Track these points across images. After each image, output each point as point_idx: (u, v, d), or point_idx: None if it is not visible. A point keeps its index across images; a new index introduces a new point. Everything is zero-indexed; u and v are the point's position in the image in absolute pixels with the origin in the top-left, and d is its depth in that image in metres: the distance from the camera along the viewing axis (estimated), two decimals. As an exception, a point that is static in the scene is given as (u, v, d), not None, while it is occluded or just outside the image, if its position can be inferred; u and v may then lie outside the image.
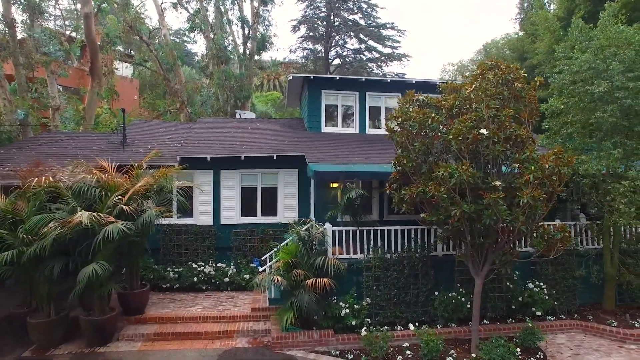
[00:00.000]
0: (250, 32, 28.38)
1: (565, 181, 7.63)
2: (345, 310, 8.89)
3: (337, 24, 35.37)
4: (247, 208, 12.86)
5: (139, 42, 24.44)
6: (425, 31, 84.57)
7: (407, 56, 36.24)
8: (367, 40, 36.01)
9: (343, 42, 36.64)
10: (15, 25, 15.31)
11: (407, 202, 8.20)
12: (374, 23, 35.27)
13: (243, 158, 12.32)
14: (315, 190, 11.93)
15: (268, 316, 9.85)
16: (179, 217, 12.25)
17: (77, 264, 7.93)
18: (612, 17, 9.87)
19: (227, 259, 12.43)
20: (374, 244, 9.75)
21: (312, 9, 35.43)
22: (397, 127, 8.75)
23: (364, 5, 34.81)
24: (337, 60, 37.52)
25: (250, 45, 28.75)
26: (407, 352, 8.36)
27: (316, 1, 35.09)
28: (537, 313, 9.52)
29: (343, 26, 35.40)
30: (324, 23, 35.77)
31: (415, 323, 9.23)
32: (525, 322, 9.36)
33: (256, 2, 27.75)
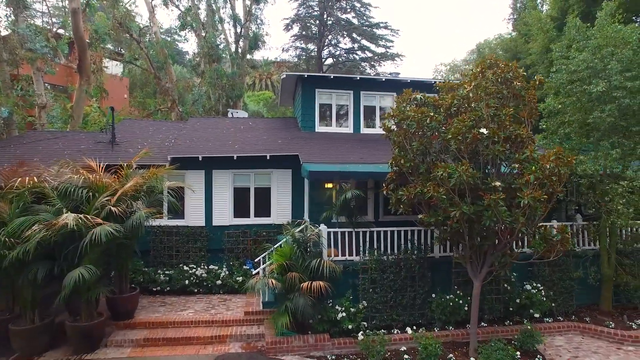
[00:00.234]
0: (243, 30, 28.06)
1: (564, 182, 7.51)
2: (342, 313, 8.69)
3: (330, 23, 35.16)
4: (240, 209, 12.59)
5: (129, 40, 24.02)
6: (419, 31, 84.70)
7: (401, 56, 36.08)
8: (360, 40, 35.83)
9: (336, 41, 36.44)
10: (-3, 20, 14.87)
11: (404, 203, 8.02)
12: (367, 22, 35.11)
13: (236, 158, 12.06)
14: (309, 191, 11.71)
15: (262, 320, 9.61)
16: (170, 218, 11.94)
17: (62, 268, 7.62)
18: (609, 16, 9.80)
19: (220, 261, 12.16)
20: (370, 245, 9.57)
21: (305, 8, 35.17)
22: (393, 126, 8.58)
23: (357, 5, 34.63)
24: (330, 59, 37.32)
25: (242, 43, 28.42)
26: (405, 356, 8.19)
27: (309, 0, 34.86)
28: (535, 315, 9.42)
29: (336, 25, 35.20)
30: (317, 22, 35.54)
31: (413, 327, 9.07)
32: (523, 324, 9.26)
33: (248, 0, 27.44)
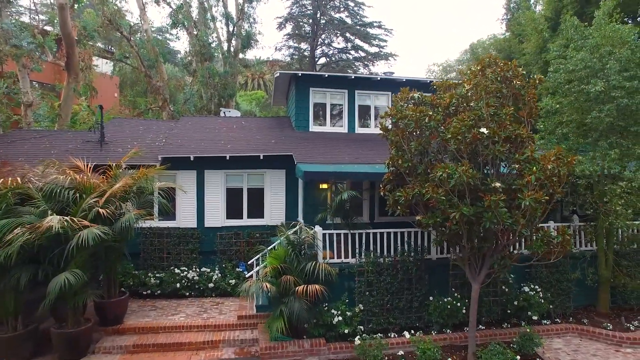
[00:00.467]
0: (235, 29, 27.74)
1: (564, 183, 7.38)
2: (338, 317, 8.47)
3: (323, 22, 34.95)
4: (233, 210, 12.33)
5: (119, 37, 23.57)
6: (413, 31, 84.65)
7: (394, 55, 35.94)
8: (354, 40, 35.70)
9: (329, 40, 36.25)
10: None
11: (401, 204, 7.84)
12: (360, 22, 34.97)
13: (228, 158, 11.80)
14: (303, 192, 11.49)
15: (255, 324, 9.37)
16: (161, 220, 11.64)
17: (47, 273, 7.30)
18: (606, 15, 9.72)
19: (212, 264, 11.88)
20: (366, 247, 9.37)
21: (298, 7, 34.93)
22: (389, 125, 8.41)
23: (351, 4, 34.47)
24: (323, 59, 37.13)
25: (234, 42, 28.10)
26: (403, 360, 8.01)
27: (302, -1, 34.64)
28: (534, 317, 9.31)
29: (329, 24, 35.01)
30: (310, 21, 35.31)
31: (410, 330, 8.90)
32: (521, 327, 9.16)
33: (241, -2, 27.14)
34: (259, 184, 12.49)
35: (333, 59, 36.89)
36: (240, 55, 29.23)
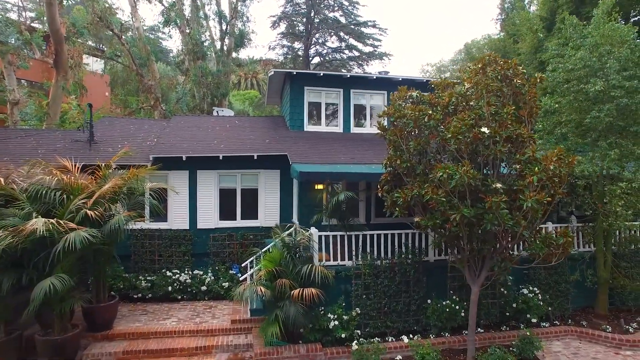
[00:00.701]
0: (228, 27, 27.40)
1: (565, 183, 7.24)
2: (334, 322, 8.26)
3: (317, 21, 34.71)
4: (226, 211, 12.07)
5: (110, 35, 23.14)
6: (407, 30, 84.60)
7: (388, 55, 35.83)
8: (348, 39, 35.50)
9: (323, 40, 36.02)
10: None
11: (400, 205, 7.65)
12: (354, 21, 34.79)
13: (221, 158, 11.54)
14: (298, 192, 11.28)
15: (250, 329, 9.13)
16: (152, 221, 11.35)
17: (32, 278, 6.99)
18: (605, 14, 9.62)
19: (205, 266, 11.61)
20: (362, 249, 9.18)
21: (292, 6, 34.65)
22: (385, 123, 8.22)
23: (345, 3, 34.27)
24: (317, 58, 36.88)
25: (227, 41, 27.76)
26: (401, 366, 7.83)
27: (296, -3, 34.36)
28: (533, 320, 9.18)
29: (323, 24, 34.78)
30: (304, 20, 35.06)
31: (407, 334, 8.71)
32: (520, 329, 9.04)
33: (234, -4, 26.82)
34: (252, 184, 12.26)
35: (327, 58, 36.66)
36: (234, 54, 28.91)
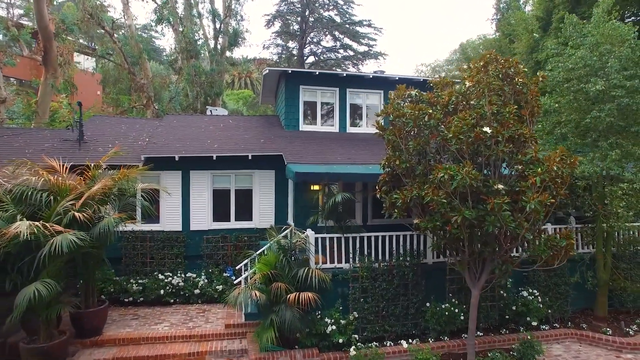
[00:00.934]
0: (222, 26, 27.08)
1: (567, 184, 7.09)
2: (331, 326, 8.05)
3: (312, 20, 34.49)
4: (220, 212, 11.81)
5: (101, 33, 22.74)
6: (401, 30, 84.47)
7: (384, 55, 35.74)
8: (343, 38, 35.33)
9: (318, 39, 35.81)
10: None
11: (399, 207, 7.46)
12: (349, 20, 34.61)
13: (215, 158, 11.27)
14: (294, 193, 11.05)
15: (244, 333, 8.88)
16: (144, 223, 11.06)
17: (16, 283, 6.70)
18: (605, 13, 9.51)
19: (198, 268, 11.35)
20: (360, 252, 8.98)
21: (287, 4, 34.39)
22: (382, 121, 8.02)
23: (340, 2, 34.08)
24: (312, 58, 36.66)
25: (221, 40, 27.44)
26: (400, 371, 7.63)
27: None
28: (533, 323, 9.03)
29: (318, 23, 34.57)
30: (299, 19, 34.82)
31: (406, 338, 8.53)
32: (520, 333, 8.91)
33: (228, -6, 26.51)
34: (247, 185, 12.01)
35: (321, 57, 36.47)
36: (228, 53, 28.59)
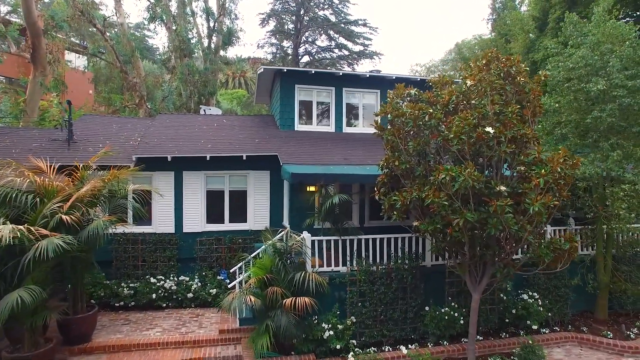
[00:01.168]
0: (216, 25, 26.75)
1: (570, 185, 6.93)
2: (329, 331, 7.83)
3: (306, 19, 34.24)
4: (214, 214, 11.55)
5: (93, 31, 22.32)
6: (396, 29, 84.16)
7: (379, 54, 35.54)
8: (337, 38, 35.11)
9: (313, 38, 35.55)
10: None
11: (398, 209, 7.26)
12: (344, 19, 34.40)
13: (209, 158, 11.02)
14: (289, 195, 10.82)
15: (239, 339, 8.65)
16: (136, 225, 10.77)
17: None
18: (606, 12, 9.38)
19: (191, 271, 11.08)
20: (357, 254, 8.77)
21: (281, 3, 34.10)
22: (378, 120, 7.83)
23: (335, 1, 33.84)
24: (306, 57, 36.39)
25: (215, 39, 27.11)
26: (399, 378, 7.43)
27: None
28: (533, 327, 8.87)
29: (313, 22, 34.32)
30: (293, 18, 34.55)
31: (407, 344, 8.32)
32: (520, 336, 8.79)
33: (222, -7, 26.18)
34: (241, 186, 11.77)
35: (316, 57, 36.22)
36: (222, 53, 28.26)
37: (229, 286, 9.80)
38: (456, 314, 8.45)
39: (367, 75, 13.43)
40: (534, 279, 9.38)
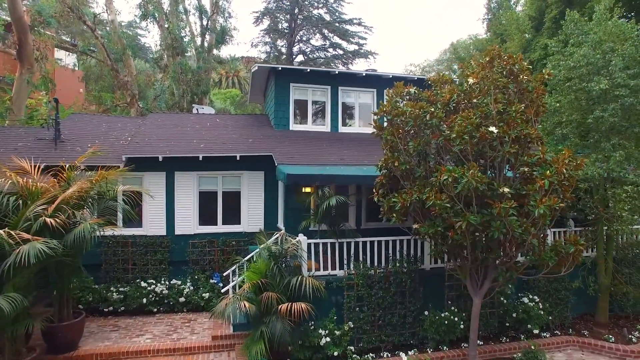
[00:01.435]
0: (209, 23, 26.37)
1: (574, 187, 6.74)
2: (326, 338, 7.57)
3: (301, 18, 33.94)
4: (206, 216, 11.24)
5: (82, 28, 21.85)
6: (390, 28, 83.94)
7: (374, 54, 35.37)
8: (332, 37, 34.87)
9: (307, 37, 35.26)
10: None
11: (397, 211, 7.02)
12: (339, 18, 34.16)
13: (201, 158, 10.71)
14: (284, 196, 10.55)
15: (232, 345, 8.36)
16: (125, 227, 10.43)
17: (-22, 297, 6.06)
18: (607, 10, 9.23)
19: (183, 275, 10.77)
20: (355, 257, 8.52)
21: (276, 1, 33.76)
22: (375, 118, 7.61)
23: (330, 0, 33.60)
24: (300, 57, 36.08)
25: (208, 37, 26.73)
26: (398, 385, 7.20)
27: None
28: (535, 331, 8.68)
29: (307, 21, 34.04)
30: (288, 17, 34.24)
31: (406, 350, 8.09)
32: (520, 341, 8.60)
33: (215, -9, 25.80)
34: (235, 187, 11.47)
35: (311, 56, 35.93)
36: (215, 51, 27.88)
37: (222, 290, 9.51)
38: (456, 319, 8.23)
39: (363, 74, 13.20)
40: (534, 281, 9.20)
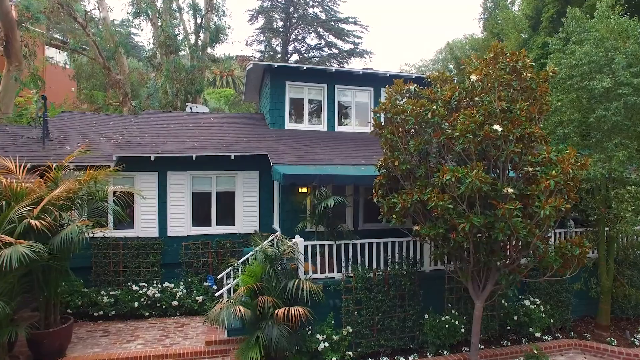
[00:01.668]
0: (203, 21, 26.03)
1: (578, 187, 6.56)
2: (324, 343, 7.35)
3: (296, 16, 33.68)
4: (200, 217, 10.96)
5: (73, 24, 21.46)
6: (385, 27, 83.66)
7: (370, 53, 35.20)
8: (327, 36, 34.65)
9: (302, 36, 35.01)
10: None
11: (397, 212, 6.81)
12: (334, 17, 33.94)
13: (195, 158, 10.43)
14: (280, 196, 10.28)
15: (227, 351, 8.09)
16: (117, 229, 10.13)
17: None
18: (609, 7, 9.09)
19: (176, 278, 10.48)
20: (353, 260, 8.30)
21: (271, 0, 33.49)
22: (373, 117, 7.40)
23: (326, -1, 33.38)
24: (296, 56, 35.82)
25: (202, 36, 26.38)
26: (399, 392, 6.98)
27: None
28: (536, 334, 8.52)
29: (302, 20, 33.78)
30: (283, 15, 33.97)
31: (408, 357, 7.87)
32: (522, 344, 8.41)
33: (209, -12, 25.46)
34: (229, 187, 11.19)
35: (306, 55, 35.67)
36: (209, 50, 27.55)
37: (217, 294, 9.23)
38: (457, 322, 8.04)
39: (360, 72, 13.00)
40: (535, 283, 9.05)
